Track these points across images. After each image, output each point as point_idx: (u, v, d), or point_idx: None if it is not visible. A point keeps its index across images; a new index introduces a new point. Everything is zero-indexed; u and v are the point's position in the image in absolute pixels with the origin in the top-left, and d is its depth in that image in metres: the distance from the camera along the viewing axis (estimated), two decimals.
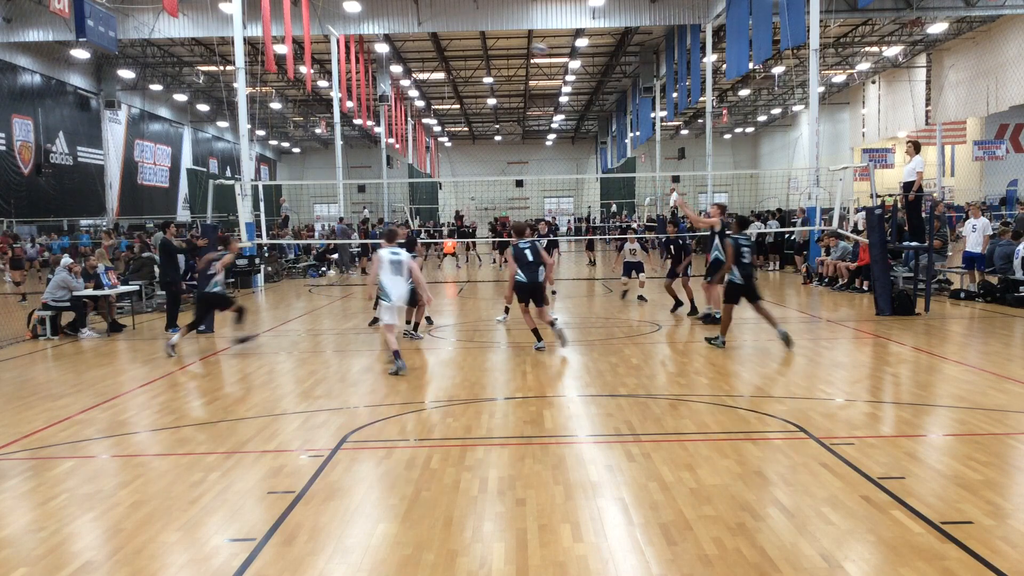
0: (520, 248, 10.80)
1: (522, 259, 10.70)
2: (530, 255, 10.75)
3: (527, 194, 62.21)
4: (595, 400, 7.69)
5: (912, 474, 5.29)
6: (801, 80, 34.81)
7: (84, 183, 38.10)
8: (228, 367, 10.13)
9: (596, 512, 4.76)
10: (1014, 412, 6.84)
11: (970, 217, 16.55)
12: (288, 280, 24.93)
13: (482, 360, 9.96)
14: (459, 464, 5.70)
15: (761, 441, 6.15)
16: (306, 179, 61.16)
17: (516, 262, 10.72)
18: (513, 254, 10.83)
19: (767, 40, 23.53)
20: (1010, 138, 34.89)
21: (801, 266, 21.12)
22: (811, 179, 20.49)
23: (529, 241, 11.07)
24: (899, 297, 13.23)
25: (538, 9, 29.49)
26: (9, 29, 28.92)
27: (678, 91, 33.50)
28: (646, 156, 48.63)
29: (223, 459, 5.97)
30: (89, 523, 4.80)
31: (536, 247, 10.98)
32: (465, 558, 4.17)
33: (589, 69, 42.92)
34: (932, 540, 4.24)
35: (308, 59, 29.01)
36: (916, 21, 31.39)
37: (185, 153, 49.69)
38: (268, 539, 4.46)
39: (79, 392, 8.60)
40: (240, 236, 18.30)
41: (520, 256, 10.72)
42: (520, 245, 10.84)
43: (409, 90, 44.32)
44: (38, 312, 12.89)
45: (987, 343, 10.56)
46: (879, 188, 24.69)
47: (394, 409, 7.52)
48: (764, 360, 9.61)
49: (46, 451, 6.33)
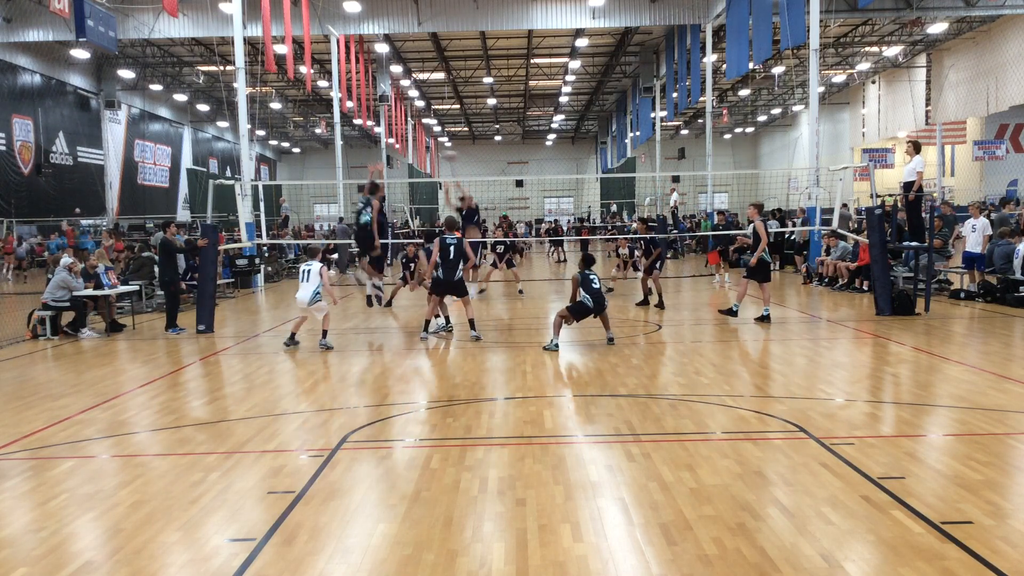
0: (446, 243, 11.17)
1: (445, 254, 11.16)
2: (453, 252, 11.19)
3: (527, 194, 62.20)
4: (595, 400, 7.69)
5: (912, 474, 5.29)
6: (801, 80, 34.84)
7: (84, 183, 38.09)
8: (228, 367, 10.13)
9: (596, 512, 4.76)
10: (1014, 412, 6.84)
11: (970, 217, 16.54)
12: (288, 280, 24.91)
13: (482, 360, 9.96)
14: (459, 464, 5.70)
15: (761, 441, 6.14)
16: (306, 179, 61.16)
17: (440, 256, 11.20)
18: (440, 246, 11.22)
19: (767, 40, 23.52)
20: (1010, 138, 34.89)
21: (801, 266, 21.12)
22: (811, 179, 20.48)
23: (456, 237, 11.41)
24: (899, 297, 13.23)
25: (538, 9, 29.48)
26: (9, 29, 28.90)
27: (678, 91, 33.50)
28: (646, 156, 48.62)
29: (223, 459, 5.97)
30: (89, 523, 4.80)
31: (460, 244, 11.35)
32: (465, 558, 4.17)
33: (589, 69, 42.91)
34: (932, 540, 4.24)
35: (308, 59, 29.00)
36: (916, 21, 31.38)
37: (185, 153, 49.68)
38: (268, 539, 4.46)
39: (79, 392, 8.60)
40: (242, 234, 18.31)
41: (444, 251, 11.18)
42: (447, 240, 11.24)
43: (409, 90, 44.31)
44: (38, 312, 12.89)
45: (987, 343, 10.55)
46: (879, 188, 24.70)
47: (394, 409, 7.52)
48: (764, 360, 9.61)
49: (46, 451, 6.33)
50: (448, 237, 11.30)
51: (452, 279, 11.27)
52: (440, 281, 11.33)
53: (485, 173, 60.85)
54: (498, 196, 56.63)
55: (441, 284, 11.36)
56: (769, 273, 12.96)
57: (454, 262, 11.18)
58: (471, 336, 11.36)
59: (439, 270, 11.27)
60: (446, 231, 11.59)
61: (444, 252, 11.15)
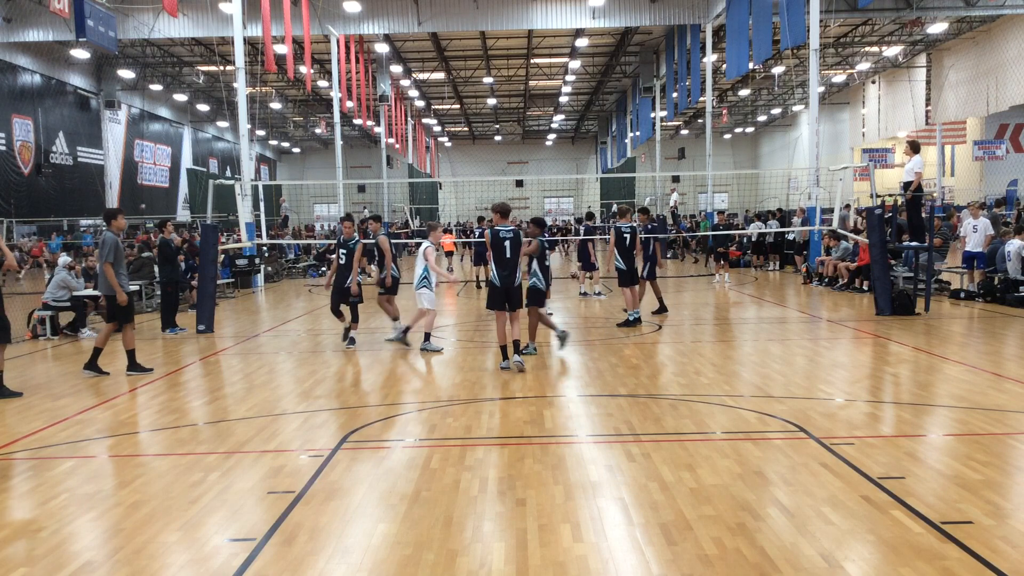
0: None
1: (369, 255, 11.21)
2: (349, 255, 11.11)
3: (527, 194, 62.23)
4: (595, 400, 7.69)
5: (912, 474, 5.29)
6: (801, 80, 34.85)
7: (84, 183, 38.09)
8: (228, 367, 10.13)
9: (596, 512, 4.75)
10: (1014, 412, 6.84)
11: (970, 217, 16.54)
12: (288, 280, 24.95)
13: (482, 360, 9.96)
14: (459, 464, 5.70)
15: (761, 441, 6.14)
16: (306, 179, 61.14)
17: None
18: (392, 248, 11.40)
19: (767, 40, 23.52)
20: (1010, 138, 34.91)
21: (801, 266, 21.12)
22: (811, 179, 20.48)
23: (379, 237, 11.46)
24: (899, 297, 13.23)
25: (538, 9, 29.48)
26: (9, 29, 28.91)
27: (678, 91, 33.50)
28: (646, 156, 48.63)
29: (223, 459, 5.97)
30: (89, 523, 4.80)
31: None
32: (465, 558, 4.17)
33: (589, 69, 42.92)
34: (932, 540, 4.24)
35: (308, 59, 29.01)
36: (916, 21, 31.39)
37: (185, 153, 49.69)
38: (268, 539, 4.46)
39: (79, 392, 8.60)
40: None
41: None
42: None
43: (409, 90, 44.32)
44: (38, 312, 12.90)
45: (987, 343, 10.55)
46: (879, 188, 24.68)
47: (394, 409, 7.52)
48: (764, 360, 9.61)
49: (46, 451, 6.33)
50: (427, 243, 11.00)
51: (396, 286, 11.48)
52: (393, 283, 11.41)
53: (485, 173, 60.88)
54: (498, 196, 56.58)
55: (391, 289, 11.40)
56: (636, 278, 12.61)
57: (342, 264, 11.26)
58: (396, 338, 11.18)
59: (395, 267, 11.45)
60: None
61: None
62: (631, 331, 12.03)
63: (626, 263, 12.39)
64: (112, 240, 9.20)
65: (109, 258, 9.11)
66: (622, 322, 12.54)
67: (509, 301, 9.09)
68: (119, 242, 9.38)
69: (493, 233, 9.10)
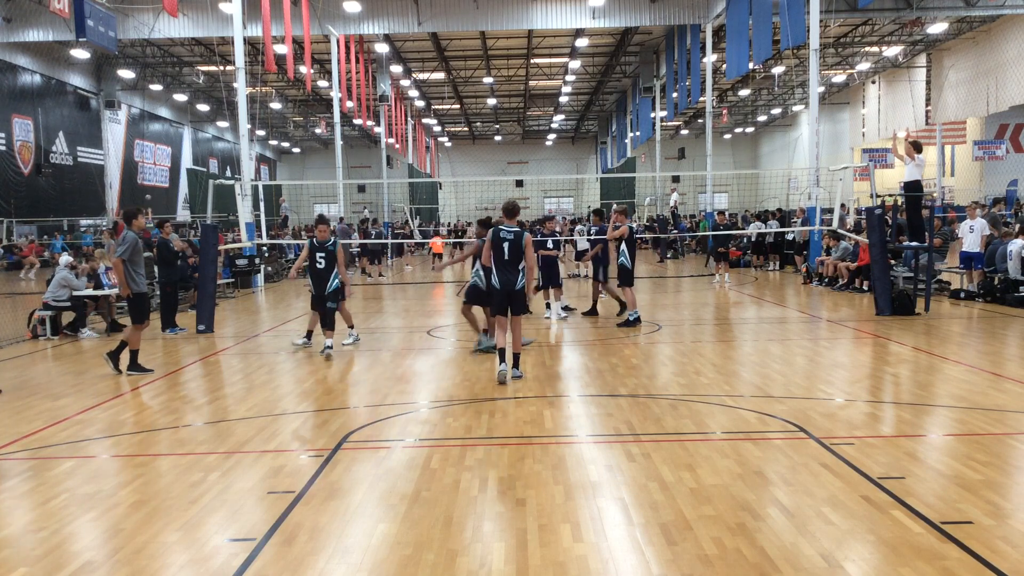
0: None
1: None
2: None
3: (527, 194, 62.19)
4: (595, 400, 7.69)
5: (912, 474, 5.29)
6: (801, 80, 34.88)
7: (84, 183, 38.09)
8: (228, 367, 10.13)
9: (596, 512, 4.75)
10: (1014, 412, 6.84)
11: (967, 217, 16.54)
12: (288, 280, 24.91)
13: (482, 360, 9.95)
14: (459, 464, 5.70)
15: (761, 441, 6.14)
16: (306, 179, 61.13)
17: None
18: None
19: (767, 40, 23.52)
20: (1010, 138, 34.92)
21: (801, 266, 21.12)
22: (811, 179, 20.48)
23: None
24: (899, 297, 13.23)
25: (538, 9, 29.48)
26: (9, 29, 28.91)
27: (678, 91, 33.50)
28: (646, 156, 48.63)
29: (223, 459, 5.97)
30: (89, 523, 4.80)
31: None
32: (465, 558, 4.17)
33: (589, 69, 42.91)
34: (932, 540, 4.24)
35: (308, 59, 29.01)
36: (916, 21, 31.39)
37: (185, 153, 49.68)
38: (268, 539, 4.46)
39: (79, 392, 8.60)
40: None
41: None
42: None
43: (409, 90, 44.31)
44: (38, 312, 12.89)
45: (987, 343, 10.55)
46: (879, 188, 24.70)
47: (394, 409, 7.52)
48: (764, 360, 9.61)
49: (46, 451, 6.33)
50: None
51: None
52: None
53: (485, 173, 60.86)
54: (498, 196, 56.60)
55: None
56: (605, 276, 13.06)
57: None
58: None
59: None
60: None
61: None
62: (631, 331, 12.03)
63: (632, 262, 12.58)
64: (132, 239, 9.37)
65: (124, 255, 9.25)
66: (622, 322, 12.56)
67: (512, 305, 8.74)
68: (139, 241, 9.51)
69: (494, 233, 8.76)
